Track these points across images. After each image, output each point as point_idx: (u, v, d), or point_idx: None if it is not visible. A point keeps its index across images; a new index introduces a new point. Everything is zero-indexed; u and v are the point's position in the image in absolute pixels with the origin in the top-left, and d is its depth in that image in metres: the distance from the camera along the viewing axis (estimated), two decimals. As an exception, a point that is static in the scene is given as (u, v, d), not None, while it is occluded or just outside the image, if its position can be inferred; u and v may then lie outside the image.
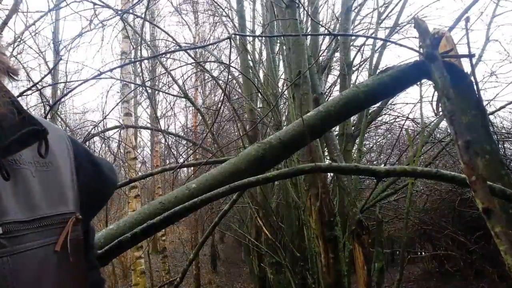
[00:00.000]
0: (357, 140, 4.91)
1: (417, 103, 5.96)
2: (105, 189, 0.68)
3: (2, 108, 0.47)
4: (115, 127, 3.99)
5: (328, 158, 3.70)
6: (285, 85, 4.79)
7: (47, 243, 0.50)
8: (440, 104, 1.07)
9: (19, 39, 3.09)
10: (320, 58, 4.95)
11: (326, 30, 5.79)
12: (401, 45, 1.38)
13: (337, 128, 4.93)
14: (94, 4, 2.05)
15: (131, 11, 2.98)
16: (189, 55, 3.96)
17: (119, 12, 2.30)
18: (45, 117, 2.25)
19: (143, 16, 2.65)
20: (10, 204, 0.46)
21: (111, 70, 1.83)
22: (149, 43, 5.78)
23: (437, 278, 7.32)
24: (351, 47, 5.36)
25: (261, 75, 6.40)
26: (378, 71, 3.57)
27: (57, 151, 0.56)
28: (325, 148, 3.80)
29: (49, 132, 0.52)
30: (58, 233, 0.51)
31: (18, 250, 0.45)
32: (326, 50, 5.52)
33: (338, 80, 5.76)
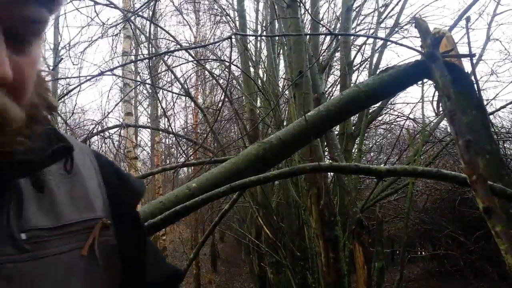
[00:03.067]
0: (357, 140, 4.91)
1: (417, 103, 5.98)
2: (132, 199, 0.68)
3: (40, 127, 0.49)
4: (116, 126, 4.00)
5: (328, 157, 3.70)
6: (286, 84, 4.79)
7: (73, 248, 0.51)
8: (440, 104, 1.07)
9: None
10: (321, 57, 4.95)
11: (326, 30, 5.79)
12: (401, 44, 1.38)
13: (337, 127, 4.93)
14: (95, 3, 2.04)
15: (138, 13, 2.98)
16: (190, 54, 3.95)
17: (128, 15, 2.29)
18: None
19: (146, 17, 2.65)
20: (34, 212, 0.48)
21: (111, 70, 1.83)
22: (151, 42, 5.77)
23: (437, 278, 7.33)
24: (352, 47, 5.36)
25: (261, 74, 6.39)
26: (379, 70, 3.58)
27: (81, 164, 0.58)
28: (326, 148, 3.80)
29: (74, 148, 0.54)
30: (85, 239, 0.52)
31: (42, 255, 0.46)
32: (326, 50, 5.51)
33: (339, 80, 5.75)
